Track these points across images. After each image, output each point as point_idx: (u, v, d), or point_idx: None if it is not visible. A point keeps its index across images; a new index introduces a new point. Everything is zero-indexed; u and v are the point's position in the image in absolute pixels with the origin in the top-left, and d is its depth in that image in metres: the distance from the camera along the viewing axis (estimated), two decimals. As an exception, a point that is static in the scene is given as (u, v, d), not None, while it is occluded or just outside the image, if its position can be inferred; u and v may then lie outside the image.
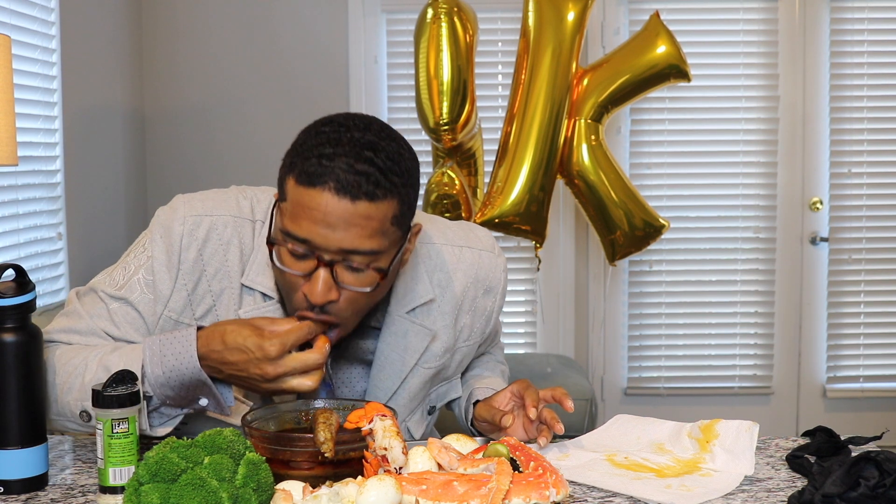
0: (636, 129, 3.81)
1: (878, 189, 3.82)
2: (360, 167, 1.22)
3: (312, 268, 1.26)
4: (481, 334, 1.55)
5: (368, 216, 1.23)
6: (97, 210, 3.26)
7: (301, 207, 1.23)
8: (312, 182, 1.22)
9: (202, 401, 1.31)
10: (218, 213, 1.39)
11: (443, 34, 2.94)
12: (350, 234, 1.23)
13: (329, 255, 1.25)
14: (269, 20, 3.74)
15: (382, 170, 1.23)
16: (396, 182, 1.25)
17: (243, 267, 1.38)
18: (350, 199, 1.21)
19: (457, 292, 1.48)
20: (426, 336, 1.45)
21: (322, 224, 1.22)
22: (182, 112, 3.76)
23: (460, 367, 1.57)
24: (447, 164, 3.13)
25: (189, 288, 1.37)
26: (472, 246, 1.53)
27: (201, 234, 1.37)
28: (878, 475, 1.12)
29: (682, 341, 3.89)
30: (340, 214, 1.22)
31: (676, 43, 3.02)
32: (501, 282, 1.54)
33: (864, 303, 3.86)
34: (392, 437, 1.16)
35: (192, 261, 1.37)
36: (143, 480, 1.03)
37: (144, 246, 1.40)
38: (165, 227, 1.38)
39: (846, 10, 3.75)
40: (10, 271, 1.23)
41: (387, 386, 1.45)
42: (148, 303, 1.38)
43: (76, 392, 1.31)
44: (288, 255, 1.28)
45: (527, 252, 3.79)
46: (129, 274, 1.39)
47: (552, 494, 1.11)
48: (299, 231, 1.24)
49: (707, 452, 1.32)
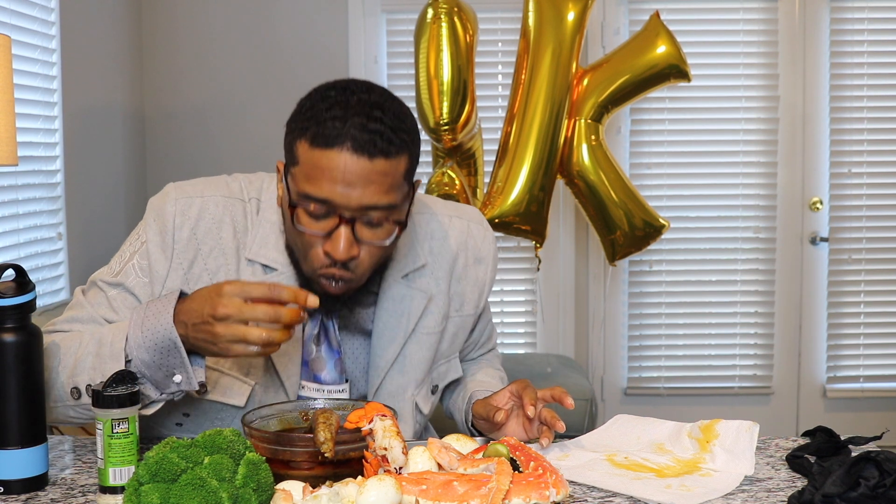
0: (636, 129, 3.81)
1: (878, 189, 3.82)
2: (372, 126, 1.27)
3: (333, 226, 1.30)
4: (474, 307, 1.57)
5: (385, 172, 1.28)
6: (97, 210, 3.26)
7: (318, 169, 1.27)
8: (329, 143, 1.27)
9: (176, 377, 1.26)
10: (208, 195, 1.43)
11: (443, 34, 2.94)
12: (369, 190, 1.27)
13: (350, 213, 1.29)
14: (269, 20, 3.74)
15: (392, 128, 1.28)
16: (405, 139, 1.30)
17: (237, 244, 1.41)
18: (368, 157, 1.26)
19: (449, 258, 1.52)
20: (422, 299, 1.48)
21: (342, 183, 1.27)
22: (182, 112, 3.76)
23: (455, 343, 1.58)
24: (447, 164, 3.13)
25: (185, 267, 1.40)
26: (462, 216, 1.57)
27: (193, 214, 1.41)
28: (878, 475, 1.12)
29: (682, 341, 3.89)
30: (359, 172, 1.26)
31: (676, 43, 3.02)
32: (492, 253, 1.58)
33: (864, 303, 3.86)
34: (392, 437, 1.16)
35: (186, 240, 1.40)
36: (143, 480, 1.03)
37: (139, 233, 1.44)
38: (157, 210, 1.42)
39: (846, 10, 3.75)
40: (10, 271, 1.23)
41: (388, 354, 1.47)
42: (143, 286, 1.41)
43: (69, 370, 1.32)
44: (306, 217, 1.31)
45: (527, 252, 3.80)
46: (125, 260, 1.43)
47: (552, 494, 1.11)
48: (319, 192, 1.28)
49: (707, 452, 1.32)
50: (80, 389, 1.31)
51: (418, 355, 1.50)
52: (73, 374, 1.32)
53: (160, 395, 1.29)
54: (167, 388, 1.29)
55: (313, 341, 1.44)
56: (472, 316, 1.59)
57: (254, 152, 3.72)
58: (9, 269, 1.22)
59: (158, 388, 1.29)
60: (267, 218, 1.43)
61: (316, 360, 1.45)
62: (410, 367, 1.49)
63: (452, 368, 1.59)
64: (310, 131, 1.29)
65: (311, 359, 1.45)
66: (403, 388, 1.49)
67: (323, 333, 1.45)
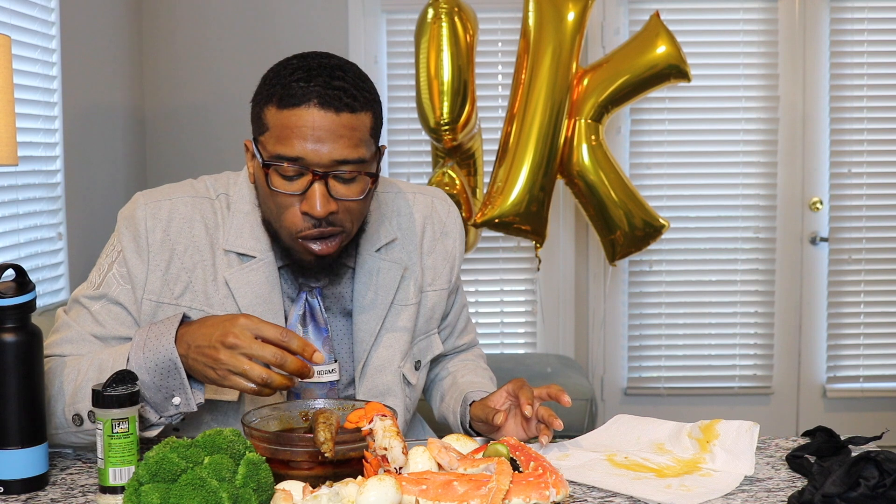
0: (636, 129, 3.81)
1: (878, 189, 3.82)
2: (336, 83, 1.32)
3: (307, 184, 1.33)
4: (447, 282, 1.60)
5: (352, 126, 1.32)
6: (97, 210, 3.26)
7: (288, 129, 1.32)
8: (296, 103, 1.31)
9: (175, 399, 1.28)
10: (176, 196, 1.46)
11: (443, 34, 2.94)
12: (338, 144, 1.32)
13: (322, 168, 1.32)
14: (269, 20, 3.74)
15: (354, 86, 1.34)
16: (368, 97, 1.35)
17: (210, 239, 1.44)
18: (334, 111, 1.31)
19: (417, 232, 1.56)
20: (397, 271, 1.51)
21: (311, 139, 1.31)
22: (182, 112, 3.76)
23: (433, 319, 1.60)
24: (448, 164, 3.13)
25: (162, 268, 1.42)
26: (426, 193, 1.62)
27: (164, 216, 1.43)
28: (878, 475, 1.12)
29: (682, 341, 3.89)
30: (327, 127, 1.31)
31: (676, 43, 3.02)
32: (457, 226, 1.62)
33: (864, 303, 3.86)
34: (392, 437, 1.16)
35: (160, 241, 1.42)
36: (143, 480, 1.03)
37: (113, 244, 1.45)
38: (128, 218, 1.44)
39: (846, 10, 3.75)
40: (10, 271, 1.23)
41: (370, 327, 1.49)
42: (127, 293, 1.42)
43: (69, 397, 1.33)
44: (280, 179, 1.34)
45: (527, 252, 3.80)
46: (104, 272, 1.44)
47: (552, 494, 1.11)
48: (291, 151, 1.32)
49: (707, 452, 1.32)
50: (82, 416, 1.31)
51: (399, 326, 1.52)
52: (74, 401, 1.32)
53: (159, 418, 1.31)
54: (166, 411, 1.30)
55: (299, 322, 1.46)
56: (446, 290, 1.61)
57: (254, 152, 3.72)
58: (9, 269, 1.22)
59: (157, 411, 1.30)
60: (239, 209, 1.45)
61: None
62: (394, 339, 1.51)
63: (434, 344, 1.61)
64: (276, 96, 1.33)
65: None
66: (389, 360, 1.51)
67: (309, 314, 1.47)
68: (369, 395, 1.50)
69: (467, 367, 1.68)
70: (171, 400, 1.28)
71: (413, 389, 1.58)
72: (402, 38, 3.72)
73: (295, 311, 1.46)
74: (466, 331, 1.73)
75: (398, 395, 1.52)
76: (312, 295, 1.47)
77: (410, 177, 3.71)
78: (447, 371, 1.69)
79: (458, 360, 1.71)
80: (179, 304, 1.42)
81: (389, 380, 1.51)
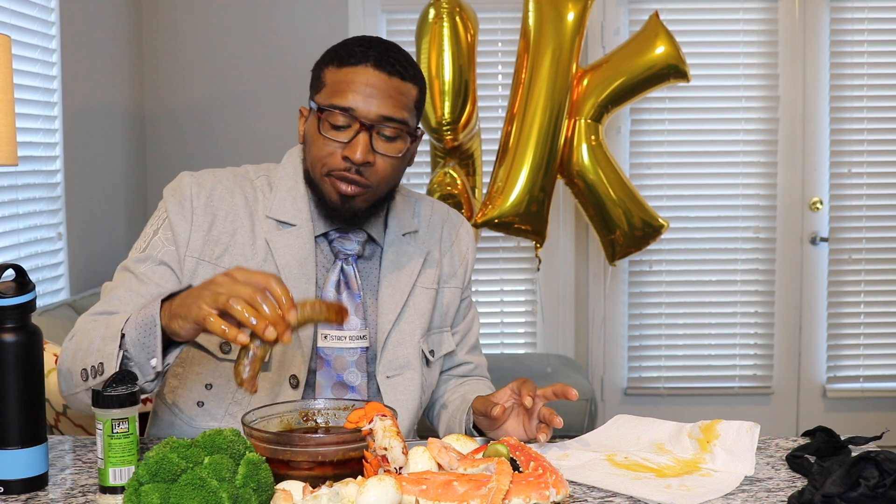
0: (636, 129, 3.81)
1: (878, 189, 3.82)
2: (392, 54, 1.48)
3: (353, 133, 1.45)
4: (461, 282, 1.69)
5: (400, 91, 1.47)
6: (97, 210, 3.26)
7: (344, 83, 1.46)
8: (354, 62, 1.46)
9: (153, 360, 1.25)
10: (218, 173, 1.58)
11: (445, 34, 2.94)
12: (387, 102, 1.45)
13: (369, 121, 1.45)
14: (269, 20, 3.74)
15: (407, 61, 1.50)
16: (417, 74, 1.51)
17: (250, 210, 1.53)
18: (387, 73, 1.46)
19: (436, 229, 1.68)
20: (420, 255, 1.61)
21: (363, 94, 1.45)
22: (182, 111, 3.76)
23: (447, 317, 1.66)
24: (449, 164, 3.13)
25: (205, 228, 1.51)
26: (442, 203, 1.75)
27: (208, 185, 1.54)
28: (878, 475, 1.12)
29: (682, 341, 3.89)
30: (379, 85, 1.45)
31: (675, 43, 3.02)
32: (469, 236, 1.72)
33: (864, 303, 3.86)
34: (392, 437, 1.16)
35: (204, 206, 1.52)
36: (143, 480, 1.03)
37: (159, 213, 1.54)
38: (175, 188, 1.54)
39: (846, 10, 3.75)
40: (10, 271, 1.23)
41: (395, 300, 1.57)
42: (171, 254, 1.50)
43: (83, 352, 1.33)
44: (329, 127, 1.47)
45: (527, 252, 3.80)
46: (149, 237, 1.52)
47: (552, 494, 1.11)
48: (344, 101, 1.45)
49: (707, 452, 1.32)
50: (88, 371, 1.31)
51: (421, 306, 1.60)
52: (86, 356, 1.33)
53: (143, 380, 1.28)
54: (147, 375, 1.27)
55: (335, 288, 1.53)
56: (459, 290, 1.68)
57: (254, 152, 3.72)
58: (9, 269, 1.22)
59: (141, 373, 1.27)
60: (282, 184, 1.56)
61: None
62: (416, 316, 1.59)
63: (446, 340, 1.66)
64: (336, 58, 1.48)
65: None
66: (411, 335, 1.58)
67: (343, 282, 1.54)
68: (389, 366, 1.55)
69: (477, 388, 1.68)
70: (150, 361, 1.26)
71: (430, 372, 1.62)
72: (403, 38, 3.72)
73: (331, 279, 1.53)
74: (476, 351, 1.74)
75: (416, 369, 1.58)
76: (348, 262, 1.55)
77: (410, 176, 3.71)
78: (455, 393, 1.68)
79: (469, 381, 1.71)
80: (219, 264, 1.49)
81: (410, 353, 1.57)
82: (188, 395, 1.51)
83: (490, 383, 1.76)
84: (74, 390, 1.36)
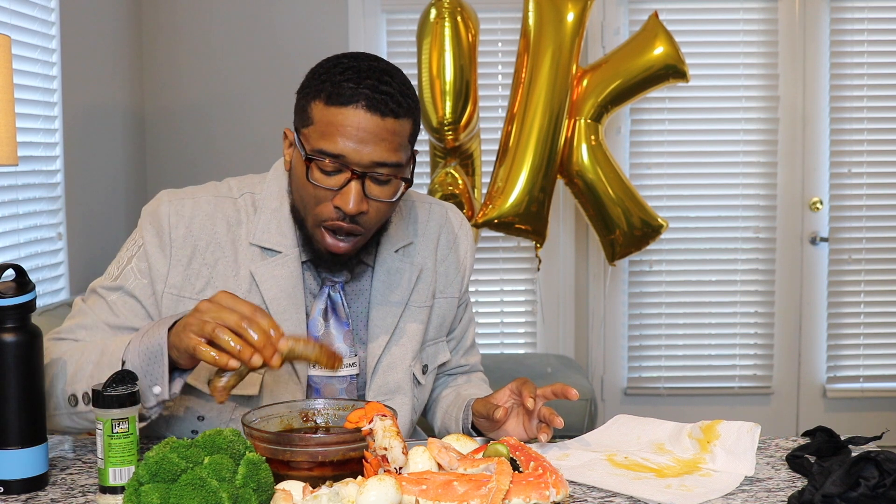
0: (636, 129, 3.81)
1: (878, 189, 3.82)
2: (383, 88, 1.36)
3: (344, 181, 1.36)
4: (457, 291, 1.64)
5: (394, 131, 1.37)
6: (97, 210, 3.26)
7: (333, 126, 1.35)
8: (345, 102, 1.35)
9: (156, 388, 1.26)
10: (199, 196, 1.49)
11: (446, 34, 2.94)
12: (380, 147, 1.36)
13: (361, 168, 1.36)
14: (270, 21, 3.74)
15: (401, 92, 1.38)
16: (411, 104, 1.40)
17: (232, 236, 1.47)
18: (380, 115, 1.35)
19: (432, 238, 1.61)
20: (413, 271, 1.55)
21: (355, 139, 1.35)
22: (182, 112, 3.76)
23: (442, 328, 1.63)
24: (451, 164, 3.13)
25: (184, 263, 1.45)
26: (440, 204, 1.67)
27: (187, 213, 1.46)
28: (878, 475, 1.12)
29: (682, 341, 3.89)
30: (372, 129, 1.35)
31: (675, 43, 3.02)
32: (468, 238, 1.66)
33: (864, 303, 3.86)
34: (392, 437, 1.16)
35: (183, 237, 1.45)
36: (143, 480, 1.03)
37: (135, 238, 1.48)
38: (152, 213, 1.47)
39: (846, 10, 3.75)
40: (10, 271, 1.23)
41: (386, 324, 1.52)
42: (143, 288, 1.44)
43: (69, 377, 1.33)
44: (319, 172, 1.37)
45: (527, 252, 3.80)
46: (123, 265, 1.47)
47: (552, 494, 1.11)
48: (333, 147, 1.35)
49: (707, 453, 1.32)
50: (77, 397, 1.31)
51: (412, 327, 1.55)
52: (73, 381, 1.32)
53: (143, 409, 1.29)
54: (147, 401, 1.27)
55: (322, 317, 1.48)
56: (455, 299, 1.64)
57: (254, 152, 3.72)
58: (9, 269, 1.22)
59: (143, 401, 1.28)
60: (266, 206, 1.48)
61: (325, 336, 1.48)
62: (407, 338, 1.54)
63: (441, 351, 1.64)
64: (325, 92, 1.36)
65: (321, 335, 1.48)
66: (402, 358, 1.54)
67: (331, 308, 1.49)
68: (379, 391, 1.52)
69: (471, 384, 1.69)
70: (153, 389, 1.26)
71: (421, 390, 1.59)
72: (403, 38, 3.72)
73: (317, 306, 1.49)
74: (471, 351, 1.74)
75: (407, 393, 1.54)
76: (335, 290, 1.50)
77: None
78: (450, 388, 1.69)
79: (462, 378, 1.72)
80: (200, 298, 1.43)
81: (400, 378, 1.53)
82: (182, 426, 1.49)
83: (483, 375, 1.76)
84: (53, 412, 1.35)
